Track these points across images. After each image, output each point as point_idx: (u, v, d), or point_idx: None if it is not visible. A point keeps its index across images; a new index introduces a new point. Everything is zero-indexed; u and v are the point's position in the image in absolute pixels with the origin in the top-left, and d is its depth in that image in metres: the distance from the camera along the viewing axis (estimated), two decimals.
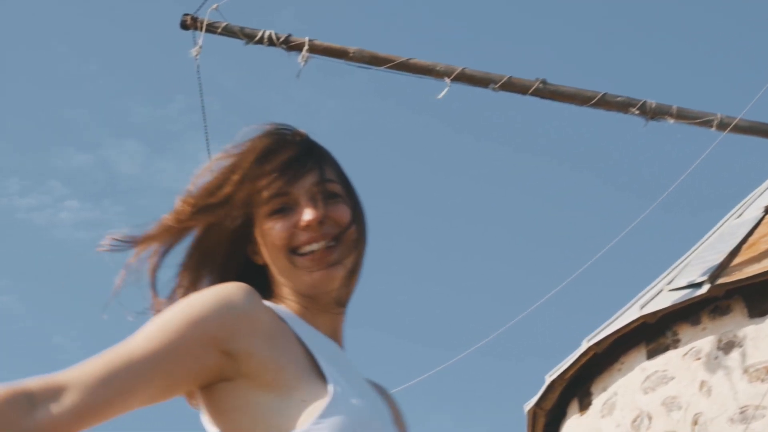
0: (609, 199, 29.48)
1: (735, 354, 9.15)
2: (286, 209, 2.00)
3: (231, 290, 1.92)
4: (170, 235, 2.08)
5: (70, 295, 31.46)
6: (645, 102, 9.36)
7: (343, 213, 2.03)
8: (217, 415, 1.93)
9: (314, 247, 1.99)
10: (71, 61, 30.65)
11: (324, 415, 1.85)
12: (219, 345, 1.87)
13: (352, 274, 2.06)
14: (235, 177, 2.02)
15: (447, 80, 9.43)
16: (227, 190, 2.02)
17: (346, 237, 2.02)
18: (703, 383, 9.21)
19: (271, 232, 2.00)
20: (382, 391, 2.16)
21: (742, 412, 8.98)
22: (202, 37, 9.48)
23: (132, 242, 2.09)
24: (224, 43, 9.51)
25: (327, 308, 2.05)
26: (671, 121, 9.23)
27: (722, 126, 9.51)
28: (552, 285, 10.61)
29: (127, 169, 30.64)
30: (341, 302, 2.07)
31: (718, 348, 9.24)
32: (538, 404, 10.46)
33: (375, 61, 9.54)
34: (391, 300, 30.25)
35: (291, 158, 2.03)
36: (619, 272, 27.92)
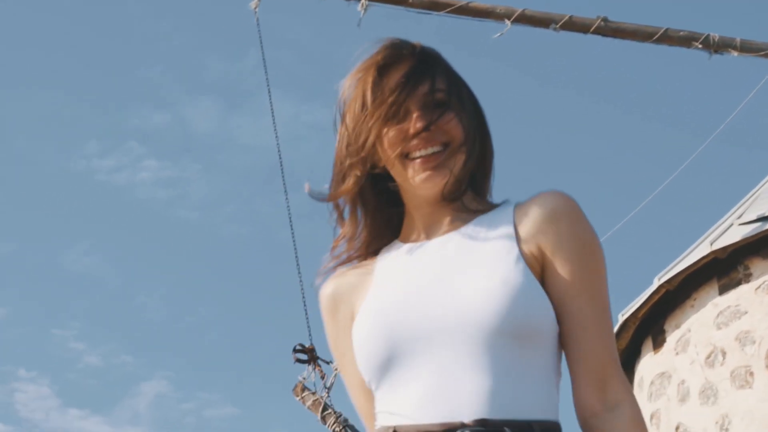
0: (671, 134, 29.15)
1: None
2: (398, 116, 2.17)
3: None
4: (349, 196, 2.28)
5: (153, 254, 31.90)
6: (708, 35, 9.24)
7: (449, 121, 2.18)
8: None
9: (422, 153, 2.16)
10: (145, 19, 30.90)
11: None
12: None
13: (462, 175, 2.21)
14: (368, 123, 2.18)
15: (507, 22, 9.37)
16: (364, 138, 2.19)
17: (453, 144, 2.18)
18: None
19: (385, 139, 2.17)
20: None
21: None
22: None
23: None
24: None
25: (440, 204, 2.23)
26: (735, 53, 9.10)
27: None
28: (618, 220, 10.58)
29: (204, 126, 30.91)
30: (451, 198, 2.22)
31: None
32: None
33: (434, 6, 9.52)
34: None
35: (405, 74, 2.18)
36: (686, 208, 27.66)
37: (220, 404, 31.14)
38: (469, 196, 2.26)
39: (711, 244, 9.41)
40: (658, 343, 10.21)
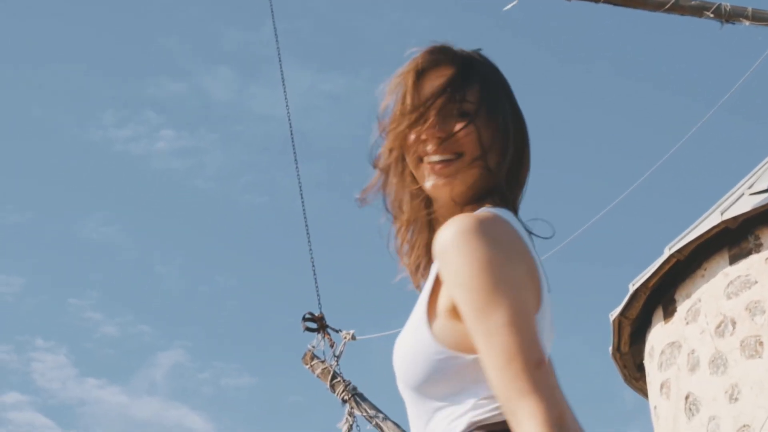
0: (680, 102, 29.04)
1: None
2: (421, 121, 2.15)
3: None
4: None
5: (170, 223, 32.01)
6: (720, 4, 9.22)
7: (467, 133, 2.15)
8: None
9: (433, 159, 2.16)
10: None
11: None
12: None
13: (474, 186, 2.18)
14: (397, 129, 2.19)
15: None
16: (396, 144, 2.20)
17: (465, 155, 2.16)
18: None
19: (408, 140, 2.18)
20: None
21: None
22: None
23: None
24: None
25: (448, 210, 2.22)
26: (746, 23, 9.08)
27: None
28: (627, 188, 10.59)
29: (221, 96, 30.93)
30: (463, 204, 2.19)
31: None
32: (622, 313, 10.49)
33: None
34: None
35: (439, 84, 2.17)
36: (695, 177, 27.60)
37: (236, 374, 31.32)
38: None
39: (722, 214, 9.41)
40: (669, 312, 10.22)
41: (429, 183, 2.18)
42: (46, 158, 31.45)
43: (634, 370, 11.19)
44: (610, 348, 10.93)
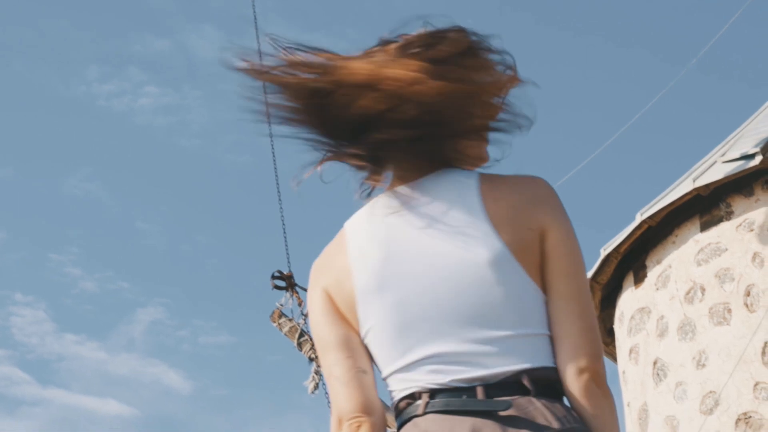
0: (651, 63, 29.04)
1: None
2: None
3: None
4: None
5: (152, 181, 31.94)
6: None
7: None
8: None
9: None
10: None
11: None
12: None
13: None
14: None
15: None
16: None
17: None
18: (755, 255, 9.18)
19: (482, 145, 2.39)
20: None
21: None
22: None
23: None
24: None
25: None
26: None
27: None
28: (597, 149, 10.62)
29: (205, 54, 30.77)
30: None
31: None
32: (594, 278, 10.52)
33: None
34: None
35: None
36: (667, 140, 27.65)
37: (215, 332, 31.39)
38: None
39: (694, 181, 9.43)
40: (639, 278, 10.26)
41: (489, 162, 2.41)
42: (28, 113, 31.33)
43: (604, 335, 11.24)
44: None
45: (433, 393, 2.19)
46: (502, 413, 2.12)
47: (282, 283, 8.64)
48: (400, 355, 2.24)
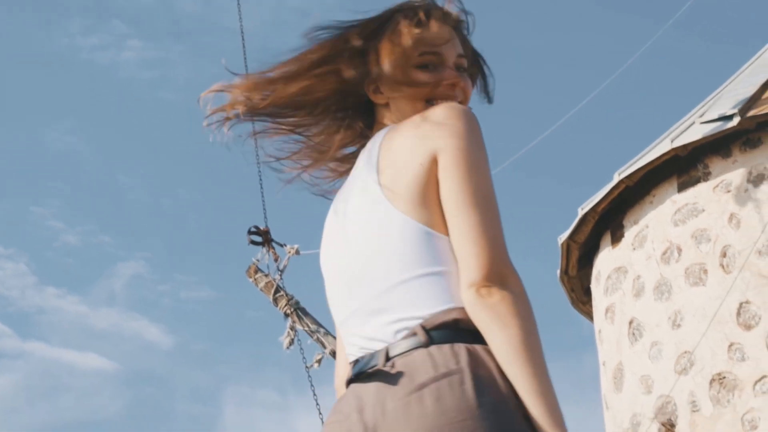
0: (631, 21, 28.99)
1: (765, 187, 9.12)
2: (430, 66, 2.41)
3: None
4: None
5: (133, 134, 31.82)
6: None
7: (469, 85, 2.49)
8: None
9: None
10: None
11: None
12: None
13: None
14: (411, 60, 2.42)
15: None
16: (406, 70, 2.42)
17: (465, 104, 2.44)
18: (732, 216, 9.20)
19: (417, 80, 2.40)
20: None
21: None
22: None
23: None
24: None
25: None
26: None
27: None
28: (577, 106, 10.61)
29: (189, 8, 30.61)
30: None
31: (748, 181, 9.20)
32: (571, 237, 10.54)
33: None
34: None
35: (443, 27, 2.46)
36: (647, 101, 27.67)
37: (196, 286, 31.41)
38: None
39: (672, 142, 9.43)
40: (617, 237, 10.28)
41: None
42: (9, 65, 31.13)
43: (581, 294, 11.28)
44: (558, 271, 11.00)
45: (355, 360, 2.23)
46: (392, 372, 2.10)
47: (258, 239, 8.62)
48: (338, 322, 2.33)
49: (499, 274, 2.08)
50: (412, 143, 2.23)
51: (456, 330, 2.10)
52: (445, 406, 2.00)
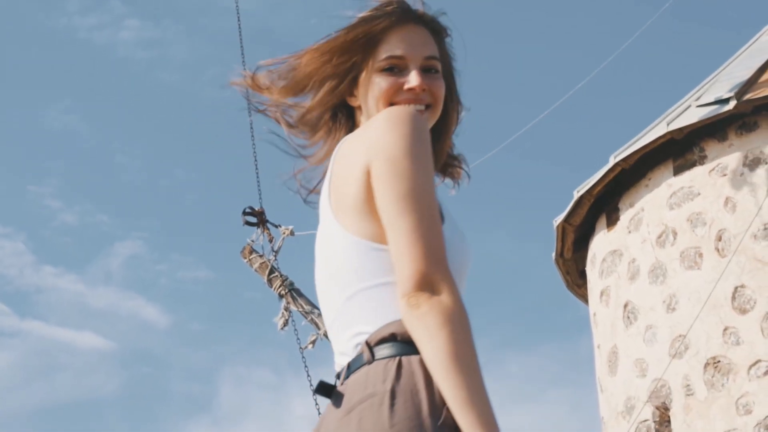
0: (628, 3, 28.94)
1: (760, 170, 9.11)
2: (395, 70, 2.37)
3: None
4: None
5: (132, 113, 31.74)
6: None
7: (440, 87, 2.41)
8: None
9: (419, 108, 2.36)
10: None
11: None
12: None
13: (437, 134, 2.47)
14: (365, 63, 2.41)
15: None
16: (354, 74, 2.42)
17: (435, 106, 2.41)
18: (728, 199, 9.20)
19: (378, 86, 2.37)
20: None
21: (765, 228, 8.99)
22: None
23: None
24: None
25: None
26: None
27: None
28: (573, 89, 10.60)
29: None
30: None
31: (744, 164, 9.19)
32: (566, 219, 10.53)
33: None
34: None
35: (412, 30, 2.42)
36: (643, 85, 27.62)
37: (194, 267, 31.39)
38: None
39: (668, 125, 9.42)
40: (612, 221, 10.27)
41: None
42: (7, 44, 31.06)
43: (576, 277, 11.27)
44: (553, 254, 10.99)
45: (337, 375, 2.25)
46: (342, 391, 2.13)
47: (253, 219, 8.62)
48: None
49: (429, 283, 2.04)
50: (352, 157, 2.22)
51: (394, 343, 2.10)
52: (365, 428, 2.02)
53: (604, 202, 10.30)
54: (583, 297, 11.27)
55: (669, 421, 9.24)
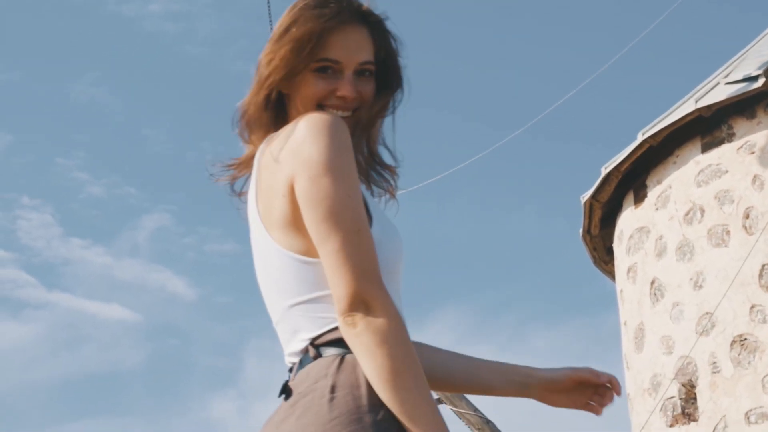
0: None
1: None
2: (329, 72, 2.35)
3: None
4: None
5: (159, 87, 31.80)
6: None
7: (370, 89, 2.39)
8: None
9: (339, 114, 2.34)
10: None
11: None
12: None
13: (364, 131, 2.44)
14: (302, 63, 2.35)
15: None
16: (293, 72, 2.36)
17: (362, 107, 2.39)
18: (756, 177, 9.16)
19: (310, 86, 2.35)
20: None
21: None
22: None
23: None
24: None
25: None
26: None
27: None
28: (601, 66, 10.55)
29: None
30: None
31: None
32: (593, 196, 10.52)
33: None
34: (446, 80, 30.16)
35: (350, 38, 2.37)
36: (672, 62, 27.45)
37: (221, 239, 31.48)
38: None
39: (696, 102, 9.38)
40: (639, 197, 10.26)
41: None
42: (36, 17, 31.13)
43: (603, 253, 11.27)
44: (580, 230, 10.98)
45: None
46: (290, 386, 2.17)
47: None
48: None
49: (362, 301, 2.06)
50: (276, 166, 2.22)
51: (341, 346, 2.14)
52: (305, 421, 2.05)
53: (632, 179, 10.28)
54: (610, 273, 11.27)
55: (695, 399, 9.24)
